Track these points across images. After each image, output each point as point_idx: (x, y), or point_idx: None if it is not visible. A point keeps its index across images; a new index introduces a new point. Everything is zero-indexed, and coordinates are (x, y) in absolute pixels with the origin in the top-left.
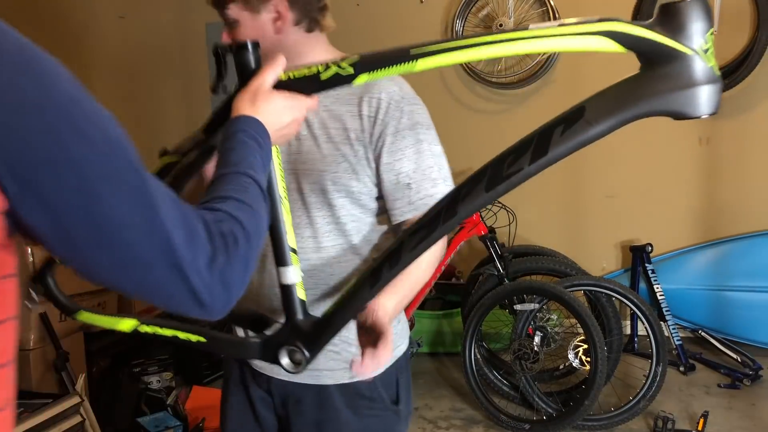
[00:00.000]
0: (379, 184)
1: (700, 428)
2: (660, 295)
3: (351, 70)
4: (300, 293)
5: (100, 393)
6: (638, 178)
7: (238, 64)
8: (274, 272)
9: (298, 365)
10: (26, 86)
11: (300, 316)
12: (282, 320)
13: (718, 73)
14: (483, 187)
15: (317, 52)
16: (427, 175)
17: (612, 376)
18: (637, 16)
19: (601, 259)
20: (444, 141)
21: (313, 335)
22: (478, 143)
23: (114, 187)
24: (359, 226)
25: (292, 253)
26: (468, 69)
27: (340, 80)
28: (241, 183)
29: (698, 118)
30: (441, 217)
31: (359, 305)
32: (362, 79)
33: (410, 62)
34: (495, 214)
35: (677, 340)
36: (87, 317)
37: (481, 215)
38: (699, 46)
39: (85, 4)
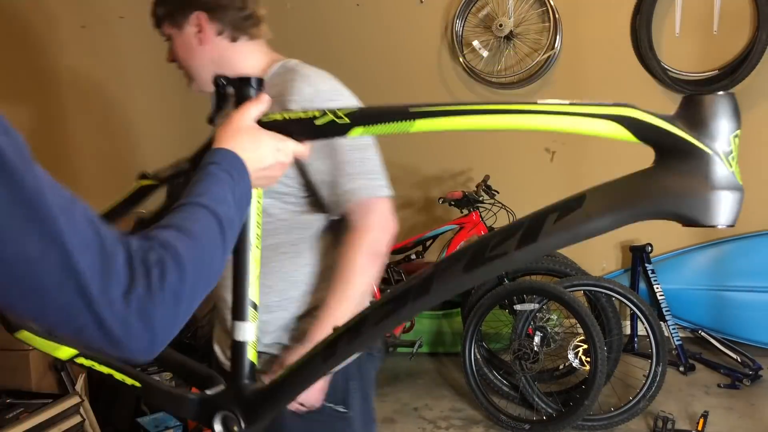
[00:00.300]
0: (306, 183)
1: (699, 428)
2: (660, 295)
3: (347, 120)
4: (251, 354)
5: (100, 393)
6: None
7: (238, 97)
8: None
9: None
10: None
11: (246, 380)
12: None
13: (740, 180)
14: (462, 267)
15: (246, 59)
16: (342, 170)
17: (612, 376)
18: (637, 17)
19: (601, 259)
20: (443, 142)
21: (255, 405)
22: (478, 144)
23: None
24: (290, 224)
25: (251, 309)
26: (468, 69)
27: (335, 129)
28: (193, 213)
29: (712, 227)
30: (411, 293)
31: (310, 379)
32: (357, 131)
33: (408, 121)
34: (495, 214)
35: (677, 340)
36: (27, 337)
37: (480, 215)
38: (722, 148)
39: (84, 7)
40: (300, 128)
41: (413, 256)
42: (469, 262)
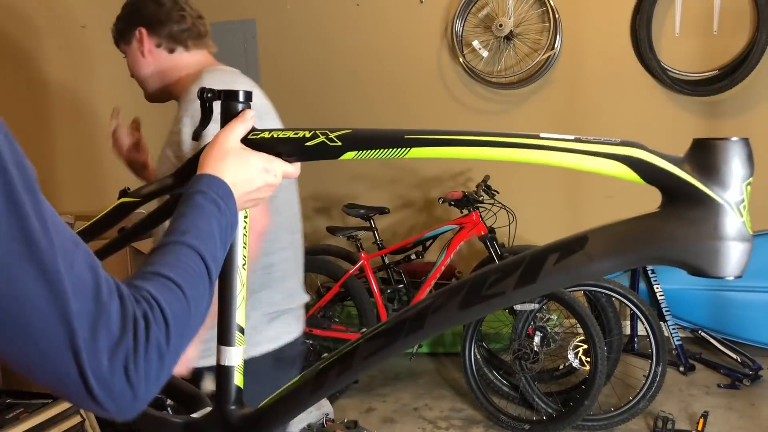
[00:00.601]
0: None
1: (699, 428)
2: (660, 295)
3: (338, 143)
4: (237, 379)
5: None
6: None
7: (224, 113)
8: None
9: None
10: None
11: (232, 405)
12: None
13: (750, 230)
14: (457, 304)
15: (182, 68)
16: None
17: (612, 377)
18: (637, 17)
19: None
20: None
21: (241, 431)
22: None
23: None
24: None
25: (239, 333)
26: (468, 69)
27: (326, 151)
28: (178, 256)
29: (719, 278)
30: (405, 328)
31: (296, 408)
32: (349, 155)
33: (403, 149)
34: (495, 214)
35: (677, 341)
36: None
37: (480, 215)
38: (733, 197)
39: (84, 6)
40: (289, 148)
41: (413, 256)
42: (464, 300)
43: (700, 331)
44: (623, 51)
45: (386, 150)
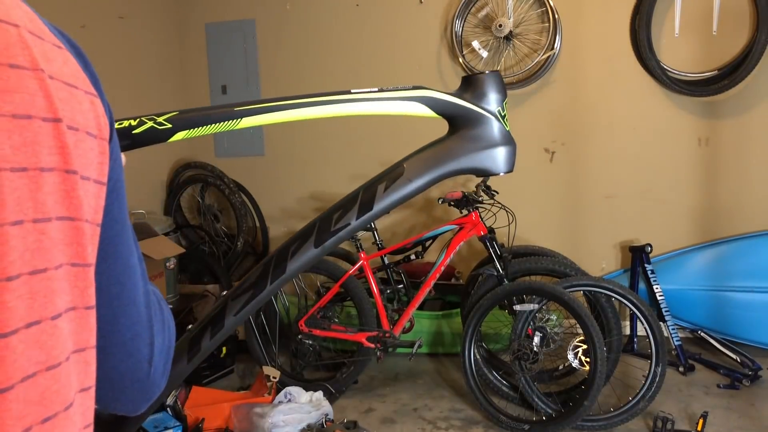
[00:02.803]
0: None
1: (699, 429)
2: (659, 296)
3: (168, 125)
4: None
5: None
6: (638, 179)
7: None
8: None
9: None
10: None
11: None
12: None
13: (512, 136)
14: (312, 243)
15: None
16: None
17: (611, 377)
18: (636, 17)
19: (600, 260)
20: None
21: (115, 426)
22: None
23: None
24: None
25: None
26: (467, 69)
27: (156, 136)
28: None
29: (497, 175)
30: (269, 275)
31: (174, 381)
32: (180, 136)
33: (233, 120)
34: (494, 214)
35: (677, 341)
36: None
37: (480, 215)
38: (497, 111)
39: (85, 5)
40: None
41: (413, 257)
42: (318, 238)
43: (699, 332)
44: (623, 51)
45: (217, 125)
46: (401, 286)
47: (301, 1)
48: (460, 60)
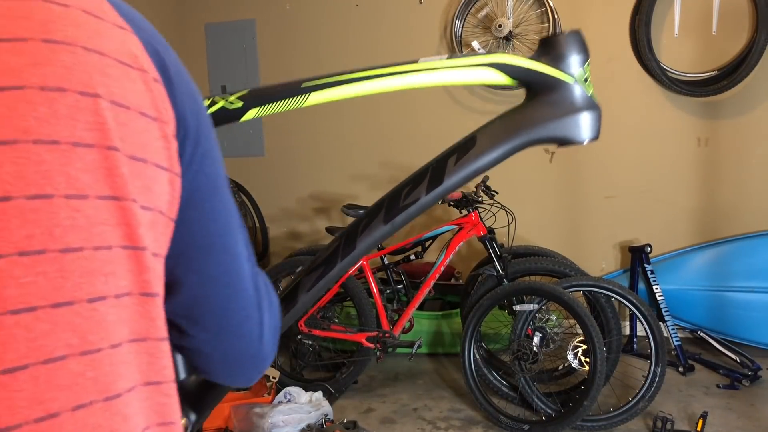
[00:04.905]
0: None
1: (699, 429)
2: (659, 296)
3: (239, 104)
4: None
5: None
6: (637, 179)
7: None
8: None
9: (184, 430)
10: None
11: (183, 374)
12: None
13: (597, 100)
14: (381, 220)
15: None
16: None
17: (611, 377)
18: (636, 17)
19: (600, 260)
20: (443, 141)
21: (200, 395)
22: None
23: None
24: None
25: None
26: None
27: (226, 116)
28: None
29: (581, 143)
30: (339, 253)
31: None
32: (251, 114)
33: (302, 96)
34: (494, 214)
35: (676, 341)
36: None
37: (480, 215)
38: (579, 74)
39: None
40: None
41: (412, 257)
42: (387, 214)
43: (699, 332)
44: (622, 51)
45: (286, 101)
46: (401, 286)
47: (301, 1)
48: None
